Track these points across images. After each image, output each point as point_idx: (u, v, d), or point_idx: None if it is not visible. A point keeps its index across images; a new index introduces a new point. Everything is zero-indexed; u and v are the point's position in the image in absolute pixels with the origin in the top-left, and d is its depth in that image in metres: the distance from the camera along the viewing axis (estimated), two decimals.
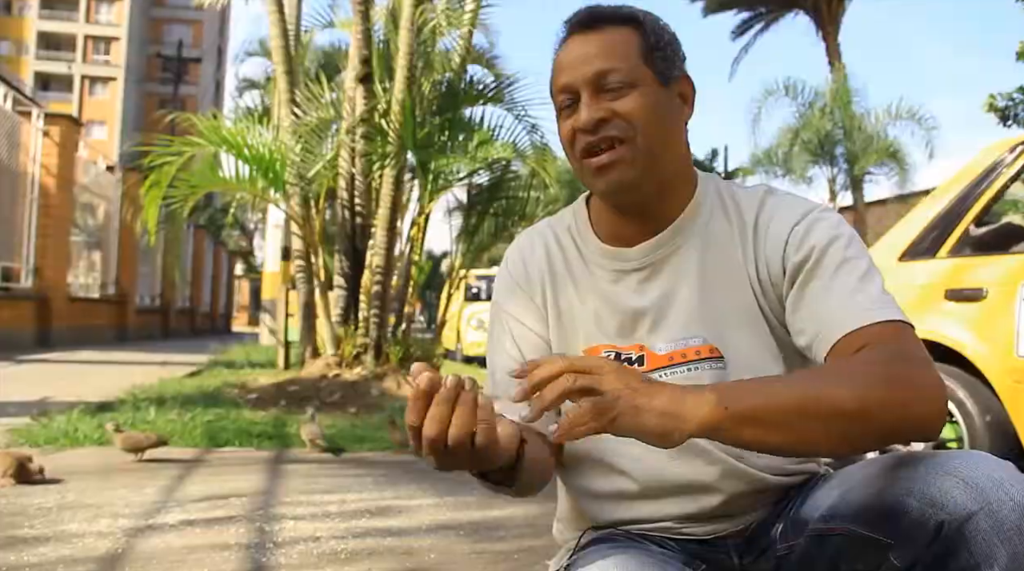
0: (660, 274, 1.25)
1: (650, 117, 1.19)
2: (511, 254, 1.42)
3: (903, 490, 0.98)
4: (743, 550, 1.23)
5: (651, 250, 1.25)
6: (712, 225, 1.24)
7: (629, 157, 1.19)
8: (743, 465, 1.21)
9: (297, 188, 6.71)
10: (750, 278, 1.21)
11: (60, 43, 58.32)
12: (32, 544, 2.20)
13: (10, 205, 11.52)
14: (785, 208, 1.23)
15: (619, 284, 1.27)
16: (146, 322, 17.69)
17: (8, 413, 4.42)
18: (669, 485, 1.23)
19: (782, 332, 1.20)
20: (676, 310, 1.23)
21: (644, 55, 1.21)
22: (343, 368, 6.64)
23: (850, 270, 1.14)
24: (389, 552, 2.32)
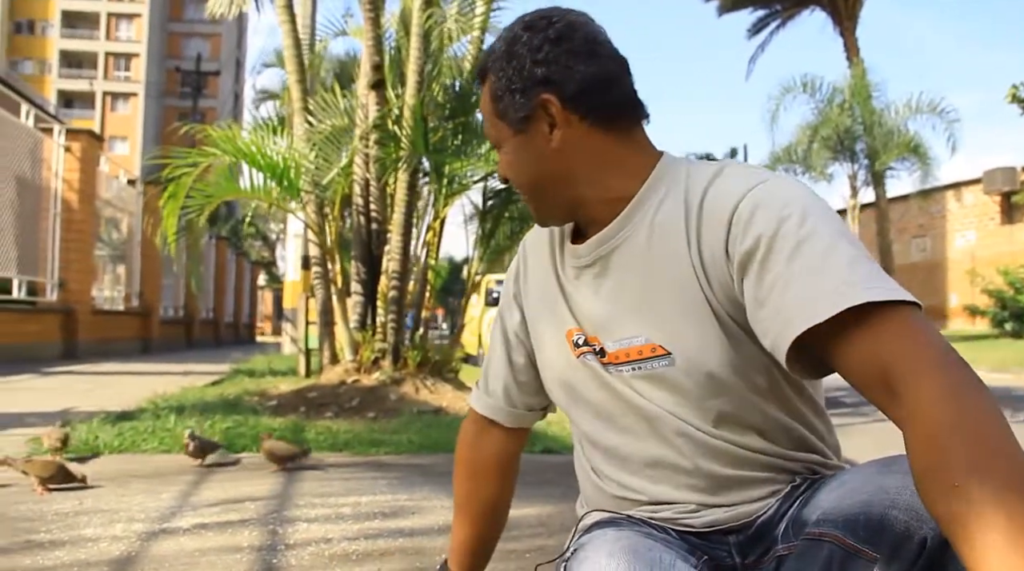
0: (609, 269, 1.24)
1: (519, 171, 1.24)
2: (521, 246, 1.47)
3: (889, 501, 0.96)
4: (745, 549, 1.21)
5: (596, 246, 1.24)
6: (662, 208, 1.19)
7: (527, 202, 1.28)
8: (721, 442, 1.19)
9: (312, 195, 6.76)
10: (694, 266, 1.15)
11: (82, 61, 59.15)
12: (48, 548, 2.23)
13: (34, 220, 11.68)
14: (729, 184, 1.14)
15: (579, 280, 1.28)
16: (170, 333, 17.85)
17: (28, 423, 4.48)
18: (652, 463, 1.24)
19: (731, 323, 1.14)
20: (620, 308, 1.22)
21: (496, 112, 1.24)
22: (361, 374, 6.67)
23: (809, 249, 1.02)
24: (400, 552, 2.33)
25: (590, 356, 1.25)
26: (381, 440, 4.44)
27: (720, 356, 1.15)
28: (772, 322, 1.02)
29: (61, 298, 12.21)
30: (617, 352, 1.21)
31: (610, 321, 1.22)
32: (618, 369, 1.22)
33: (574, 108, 1.18)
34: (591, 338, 1.25)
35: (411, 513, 2.82)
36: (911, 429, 0.86)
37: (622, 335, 1.21)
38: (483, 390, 1.48)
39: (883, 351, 0.92)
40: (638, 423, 1.23)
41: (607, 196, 1.22)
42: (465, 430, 1.54)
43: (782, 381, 1.20)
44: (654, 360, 1.18)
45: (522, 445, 1.55)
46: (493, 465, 1.50)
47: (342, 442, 4.34)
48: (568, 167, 1.21)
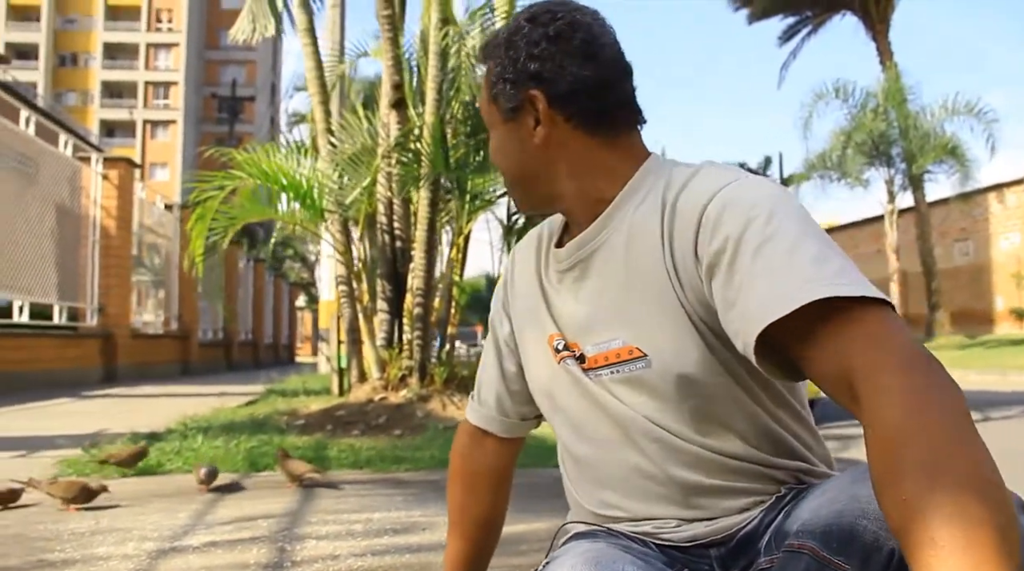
0: (589, 272, 1.23)
1: (504, 157, 1.26)
2: (511, 255, 1.48)
3: (860, 511, 0.93)
4: (727, 562, 1.18)
5: (575, 249, 1.23)
6: (641, 209, 1.17)
7: (510, 190, 1.29)
8: (699, 448, 1.16)
9: (336, 215, 6.84)
10: (667, 267, 1.13)
11: (122, 91, 60.51)
12: (59, 567, 2.28)
13: (74, 247, 11.94)
14: (701, 185, 1.12)
15: (561, 285, 1.28)
16: (209, 355, 18.08)
17: (58, 445, 4.56)
18: (625, 475, 1.22)
19: (704, 326, 1.12)
20: (599, 311, 1.21)
21: (491, 96, 1.25)
22: (389, 391, 6.71)
23: (773, 248, 1.00)
24: (405, 568, 2.33)
25: (570, 361, 1.24)
26: (403, 457, 4.45)
27: (695, 358, 1.13)
28: (740, 322, 1.00)
29: (100, 323, 12.45)
30: (596, 356, 1.20)
31: (589, 325, 1.22)
32: (597, 374, 1.21)
33: (560, 108, 1.18)
34: (571, 344, 1.24)
35: (422, 529, 2.83)
36: (868, 435, 0.84)
37: (600, 338, 1.20)
38: (476, 401, 1.48)
39: (846, 351, 0.90)
40: (612, 431, 1.21)
41: (586, 197, 1.21)
42: (458, 442, 1.53)
43: (759, 386, 1.18)
44: (631, 362, 1.17)
45: (516, 456, 1.54)
46: (487, 476, 1.49)
47: (364, 459, 4.36)
48: (549, 164, 1.21)
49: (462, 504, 1.51)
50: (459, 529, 1.53)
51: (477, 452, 1.49)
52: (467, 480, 1.50)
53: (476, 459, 1.49)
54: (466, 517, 1.51)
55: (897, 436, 0.79)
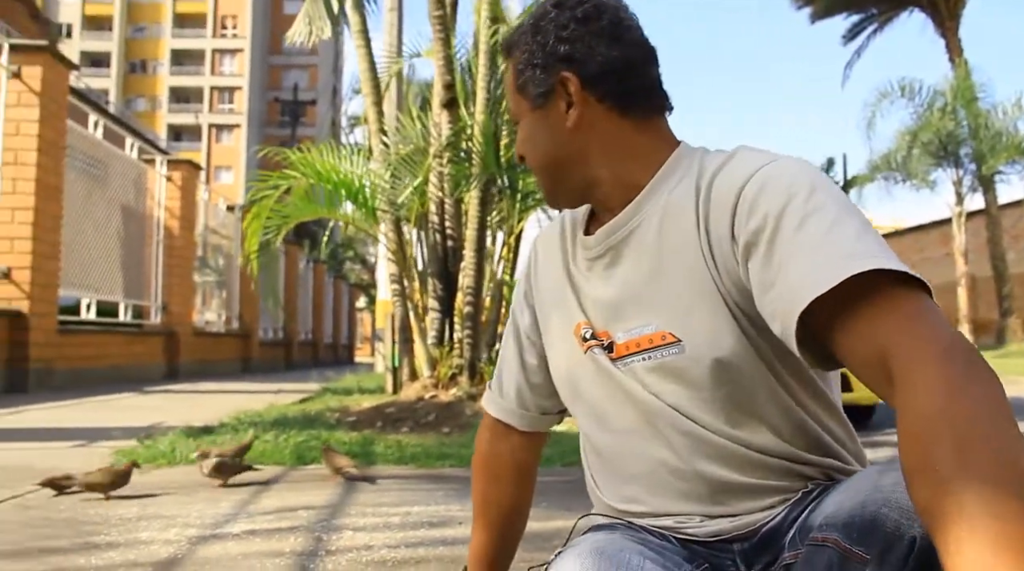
0: (621, 258, 1.21)
1: (533, 146, 1.24)
2: (532, 245, 1.47)
3: (882, 499, 0.91)
4: (750, 557, 1.16)
5: (606, 235, 1.22)
6: (675, 193, 1.16)
7: (540, 181, 1.27)
8: (730, 443, 1.14)
9: (388, 214, 6.91)
10: (703, 250, 1.11)
11: (189, 96, 62.06)
12: (103, 549, 2.34)
13: (139, 247, 12.28)
14: (739, 165, 1.11)
15: (591, 272, 1.26)
16: (270, 354, 18.41)
17: (113, 437, 4.69)
18: (649, 470, 1.21)
19: (739, 311, 1.10)
20: (631, 297, 1.19)
21: (517, 87, 1.24)
22: (439, 389, 6.75)
23: (815, 224, 0.98)
24: (436, 560, 2.34)
25: (598, 350, 1.22)
26: (448, 453, 4.47)
27: (730, 343, 1.11)
28: (779, 302, 0.98)
29: (164, 321, 12.77)
30: (627, 342, 1.19)
31: (620, 311, 1.20)
32: (628, 362, 1.19)
33: (592, 89, 1.18)
34: (600, 333, 1.23)
35: (458, 523, 2.83)
36: (902, 419, 0.81)
37: (632, 324, 1.18)
38: (496, 392, 1.46)
39: (884, 333, 0.89)
40: (638, 422, 1.20)
41: (620, 182, 1.20)
42: (481, 434, 1.52)
43: (793, 376, 1.15)
44: (664, 348, 1.15)
45: (539, 450, 1.53)
46: (509, 470, 1.49)
47: (409, 455, 4.39)
48: (582, 148, 1.20)
49: (485, 496, 1.51)
50: (483, 521, 1.52)
51: (500, 446, 1.48)
52: (490, 473, 1.50)
53: (499, 453, 1.48)
54: (490, 509, 1.51)
55: (932, 421, 0.77)
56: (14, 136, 8.65)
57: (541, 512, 2.93)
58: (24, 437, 4.91)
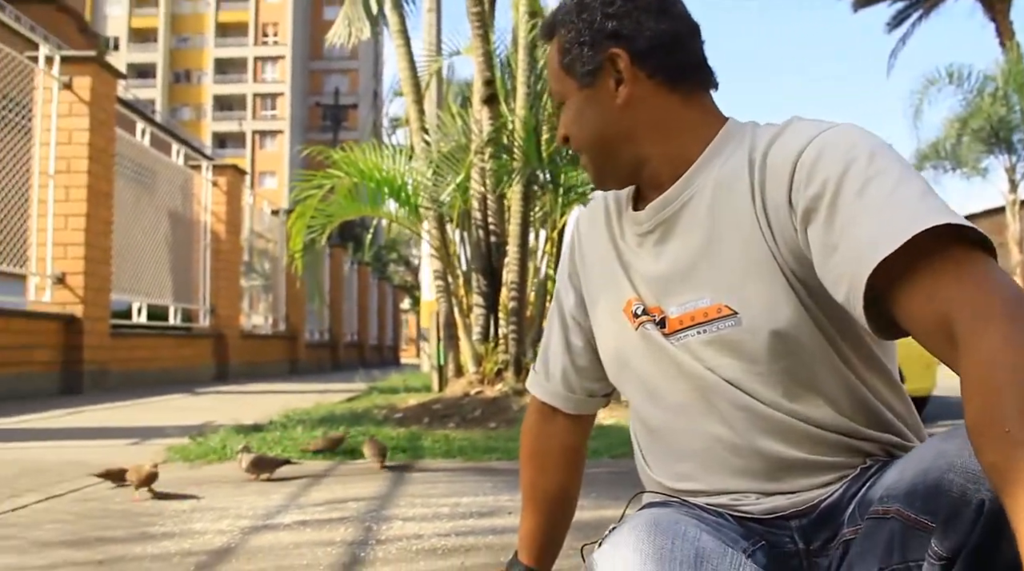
0: (672, 233, 1.20)
1: (581, 127, 1.22)
2: (574, 225, 1.45)
3: (946, 465, 0.89)
4: (809, 533, 1.14)
5: (657, 210, 1.21)
6: (726, 166, 1.15)
7: (587, 163, 1.26)
8: (788, 417, 1.12)
9: (431, 211, 6.94)
10: (759, 220, 1.10)
11: (232, 103, 63.06)
12: (159, 539, 2.38)
13: (187, 251, 12.48)
14: (793, 136, 1.10)
15: (641, 249, 1.24)
16: (316, 356, 18.61)
17: (167, 434, 4.77)
18: (704, 447, 1.19)
19: (797, 281, 1.08)
20: (684, 271, 1.17)
21: (563, 66, 1.23)
22: (485, 385, 6.76)
23: (878, 186, 0.97)
24: (487, 548, 2.33)
25: (650, 326, 1.21)
26: (495, 447, 4.47)
27: (788, 313, 1.10)
28: (846, 265, 0.96)
29: (212, 324, 12.96)
30: (681, 316, 1.17)
31: (673, 285, 1.18)
32: (681, 336, 1.17)
33: (642, 64, 1.17)
34: (652, 308, 1.21)
35: (507, 513, 2.83)
36: (966, 377, 0.80)
37: (685, 298, 1.17)
38: (541, 375, 1.45)
39: (948, 293, 0.87)
40: (693, 398, 1.18)
41: (670, 157, 1.19)
42: (528, 419, 1.52)
43: (852, 349, 1.13)
44: (720, 321, 1.13)
45: (587, 433, 1.52)
46: (557, 454, 1.48)
47: (456, 449, 4.40)
48: (632, 125, 1.19)
49: (534, 481, 1.50)
50: (532, 505, 1.51)
51: (547, 429, 1.47)
52: (538, 457, 1.49)
53: (546, 436, 1.47)
54: (538, 494, 1.50)
55: (1000, 378, 0.76)
56: (66, 145, 8.84)
57: (591, 502, 2.91)
58: (80, 435, 5.02)
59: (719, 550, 1.05)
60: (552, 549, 1.55)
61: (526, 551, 1.53)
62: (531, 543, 1.52)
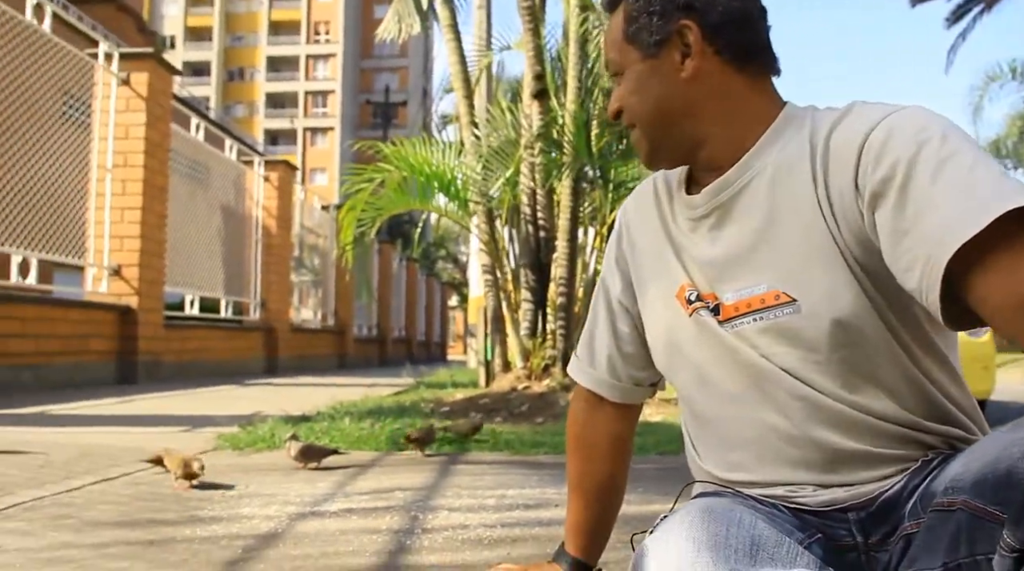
0: (728, 218, 1.17)
1: (641, 99, 1.19)
2: (621, 210, 1.43)
3: (1018, 453, 0.85)
4: (867, 527, 1.10)
5: (713, 194, 1.18)
6: (785, 151, 1.12)
7: (640, 138, 1.22)
8: (847, 408, 1.09)
9: (480, 206, 6.94)
10: (820, 205, 1.07)
11: (284, 101, 63.97)
12: (207, 522, 2.40)
13: (239, 246, 12.67)
14: (858, 119, 1.07)
15: (695, 233, 1.21)
16: (364, 350, 18.77)
17: (218, 423, 4.83)
18: (759, 436, 1.16)
19: (860, 268, 1.06)
20: (740, 257, 1.14)
21: (627, 35, 1.20)
22: (532, 380, 6.74)
23: (954, 168, 0.94)
24: (533, 539, 2.31)
25: (704, 312, 1.18)
26: (542, 442, 4.45)
27: (849, 301, 1.06)
28: (920, 249, 0.94)
29: (263, 317, 13.14)
30: (737, 303, 1.14)
31: (728, 271, 1.16)
32: (737, 324, 1.14)
33: (711, 39, 1.15)
34: (706, 295, 1.18)
35: (554, 506, 2.80)
36: None
37: (742, 284, 1.14)
38: (585, 361, 1.42)
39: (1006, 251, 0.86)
40: (747, 387, 1.15)
41: (729, 139, 1.16)
42: (574, 407, 1.50)
43: (914, 339, 1.10)
44: (777, 308, 1.10)
45: (634, 422, 1.49)
46: (604, 443, 1.45)
47: (503, 443, 4.39)
48: (694, 101, 1.16)
49: (580, 471, 1.48)
50: (578, 494, 1.49)
51: (593, 418, 1.44)
52: (584, 447, 1.47)
53: (593, 425, 1.45)
54: (585, 484, 1.48)
55: None
56: (123, 140, 9.02)
57: (637, 496, 2.87)
58: (134, 423, 5.11)
59: (775, 538, 1.02)
60: (599, 540, 1.53)
61: (573, 542, 1.51)
62: (578, 534, 1.50)
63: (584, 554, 1.50)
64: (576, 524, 1.51)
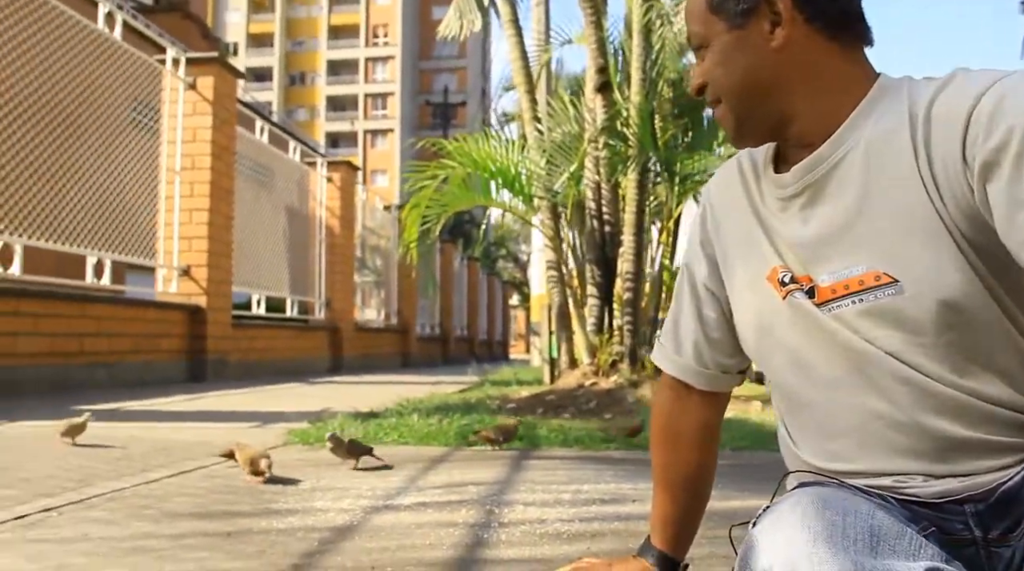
0: (822, 196, 1.10)
1: (727, 72, 1.13)
2: (704, 193, 1.38)
3: None
4: (986, 520, 1.02)
5: (804, 171, 1.11)
6: (881, 123, 1.05)
7: (725, 114, 1.16)
8: (957, 392, 1.01)
9: (545, 201, 6.89)
10: (923, 180, 1.00)
11: (345, 104, 64.80)
12: (283, 515, 2.39)
13: (304, 246, 12.82)
14: (962, 88, 1.00)
15: (786, 213, 1.15)
16: (427, 349, 18.88)
17: (287, 419, 4.87)
18: (861, 423, 1.09)
19: (968, 244, 0.99)
20: (836, 236, 1.08)
21: (711, 6, 1.15)
22: (599, 377, 6.67)
23: None
24: (613, 534, 2.26)
25: (799, 295, 1.12)
26: (612, 438, 4.38)
27: (957, 280, 0.99)
28: None
29: (327, 316, 13.28)
30: (834, 285, 1.08)
31: (824, 252, 1.09)
32: (834, 307, 1.08)
33: (802, 7, 1.09)
34: (800, 277, 1.12)
35: (632, 501, 2.74)
36: None
37: (838, 265, 1.07)
38: (671, 349, 1.37)
39: None
40: (848, 371, 1.08)
41: (820, 113, 1.10)
42: (660, 397, 1.45)
43: None
44: (878, 289, 1.04)
45: (722, 410, 1.44)
46: (691, 433, 1.40)
47: (573, 438, 4.33)
48: (784, 73, 1.10)
49: (667, 462, 1.43)
50: (665, 488, 1.44)
51: (680, 407, 1.39)
52: (671, 437, 1.42)
53: (679, 415, 1.40)
54: (672, 475, 1.43)
55: None
56: (191, 143, 9.19)
57: (717, 492, 2.75)
58: (206, 418, 5.18)
59: (896, 529, 0.95)
60: (687, 533, 1.48)
61: (659, 535, 1.46)
62: (665, 527, 1.45)
63: (671, 548, 1.45)
64: (663, 517, 1.46)
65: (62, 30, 7.23)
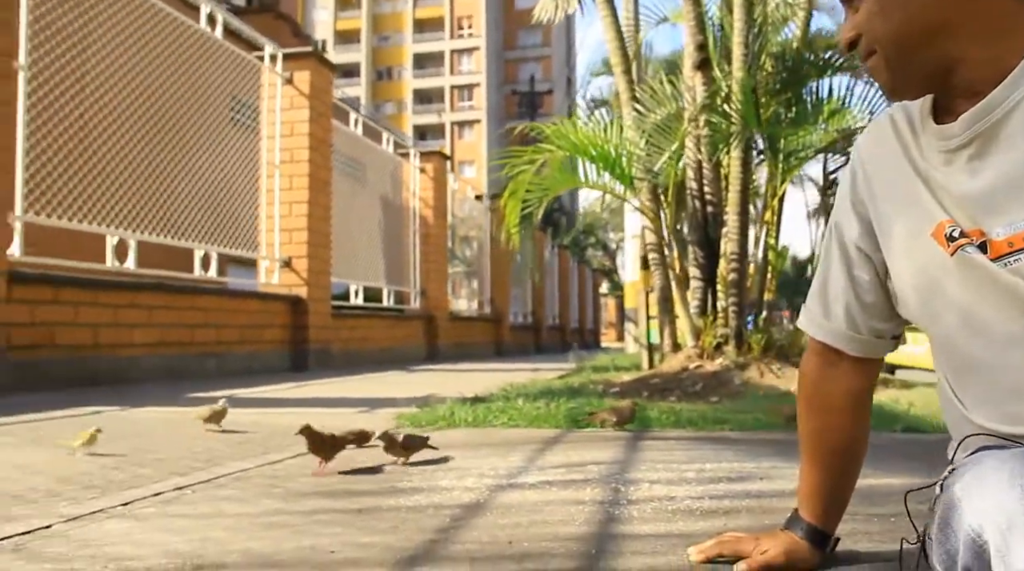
0: (993, 145, 1.03)
1: (886, 19, 1.05)
2: (854, 151, 1.31)
3: None
4: None
5: (972, 120, 1.03)
6: None
7: (881, 65, 1.08)
8: None
9: (645, 182, 6.78)
10: None
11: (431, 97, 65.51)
12: (409, 493, 2.39)
13: (398, 236, 12.99)
14: None
15: (951, 166, 1.08)
16: (519, 338, 18.93)
17: (398, 404, 4.92)
18: None
19: None
20: (1011, 186, 1.00)
21: None
22: (704, 359, 6.54)
23: None
24: (747, 511, 2.18)
25: (971, 249, 1.05)
26: (725, 419, 4.29)
27: None
28: None
29: (423, 306, 13.42)
30: (1011, 238, 1.01)
31: (997, 204, 1.02)
32: (1012, 260, 1.01)
33: None
34: (971, 231, 1.05)
35: (758, 478, 2.66)
36: None
37: (1014, 217, 1.01)
38: (820, 314, 1.31)
39: None
40: None
41: (990, 59, 1.02)
42: (807, 362, 1.38)
43: None
44: None
45: (874, 378, 1.37)
46: (841, 401, 1.34)
47: (685, 420, 4.25)
48: (949, 16, 1.03)
49: (817, 432, 1.38)
50: (814, 456, 1.39)
51: (828, 374, 1.33)
52: (820, 406, 1.36)
53: (829, 381, 1.33)
54: (822, 445, 1.38)
55: None
56: (289, 137, 9.38)
57: None
58: (314, 404, 5.28)
59: None
60: (837, 506, 1.43)
61: (808, 507, 1.40)
62: (814, 498, 1.40)
63: (821, 521, 1.40)
64: (812, 488, 1.40)
65: (168, 31, 7.46)
